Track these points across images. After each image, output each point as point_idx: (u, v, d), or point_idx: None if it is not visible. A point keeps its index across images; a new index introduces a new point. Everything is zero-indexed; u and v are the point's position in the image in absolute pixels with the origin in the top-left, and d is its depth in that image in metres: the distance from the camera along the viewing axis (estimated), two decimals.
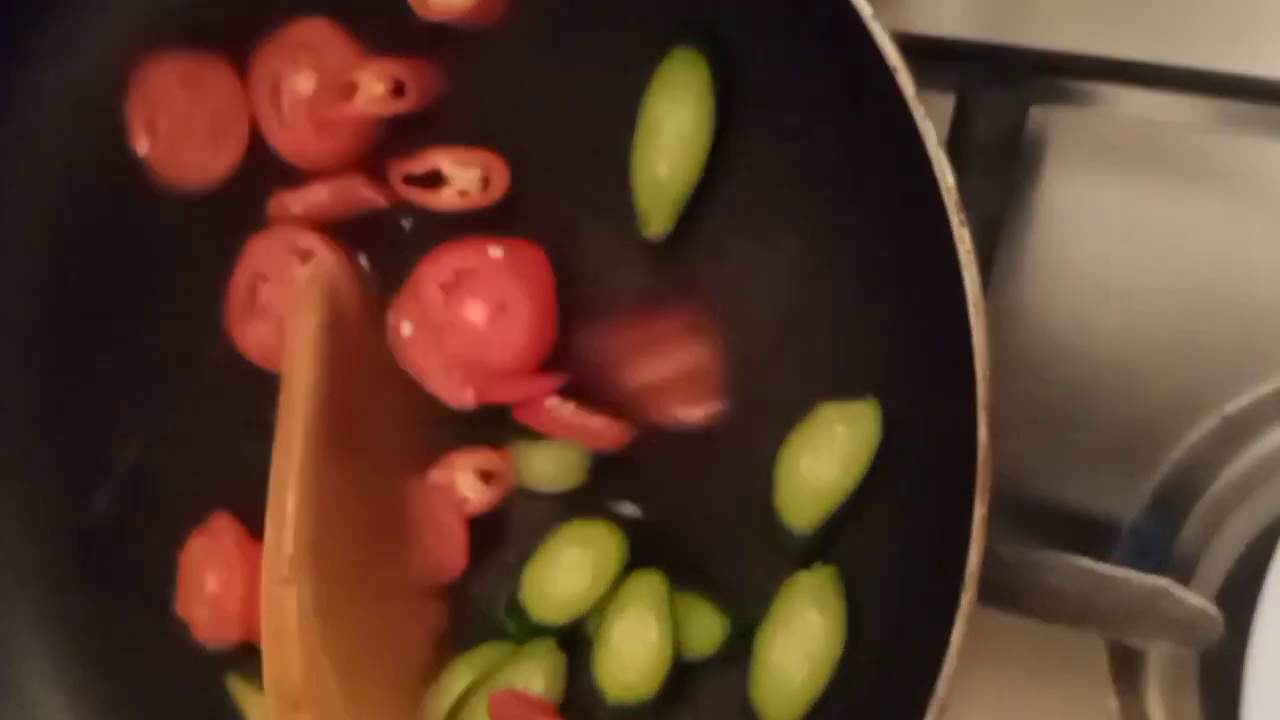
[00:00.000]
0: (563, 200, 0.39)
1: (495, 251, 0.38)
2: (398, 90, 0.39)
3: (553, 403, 0.38)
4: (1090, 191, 0.41)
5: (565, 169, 0.38)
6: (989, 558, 0.34)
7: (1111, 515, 0.40)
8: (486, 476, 0.39)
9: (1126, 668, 0.40)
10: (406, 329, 0.39)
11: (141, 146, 0.41)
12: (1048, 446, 0.41)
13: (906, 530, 0.34)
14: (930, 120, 0.29)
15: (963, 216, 0.28)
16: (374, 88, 0.39)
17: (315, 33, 0.39)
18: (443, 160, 0.39)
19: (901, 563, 0.34)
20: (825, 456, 0.35)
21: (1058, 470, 0.41)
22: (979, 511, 0.28)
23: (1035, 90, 0.38)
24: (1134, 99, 0.40)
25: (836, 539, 0.35)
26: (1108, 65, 0.38)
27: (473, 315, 0.38)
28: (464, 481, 0.39)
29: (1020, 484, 0.41)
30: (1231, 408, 0.39)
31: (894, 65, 0.29)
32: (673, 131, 0.36)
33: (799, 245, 0.36)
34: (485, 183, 0.39)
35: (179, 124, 0.41)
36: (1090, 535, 0.40)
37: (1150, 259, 0.40)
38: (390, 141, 0.39)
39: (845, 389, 0.35)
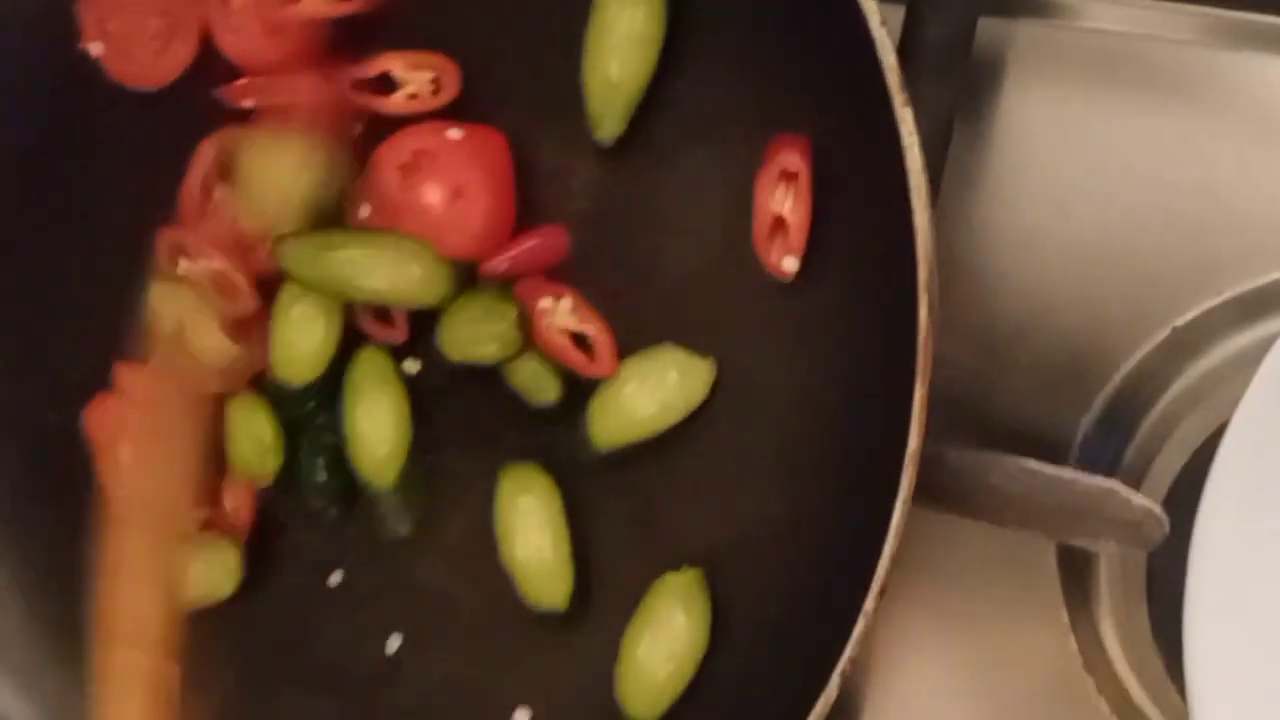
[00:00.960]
0: (514, 102, 0.38)
1: (454, 134, 0.38)
2: None
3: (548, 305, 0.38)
4: (1048, 105, 0.41)
5: (516, 70, 0.38)
6: (936, 461, 0.34)
7: (1064, 427, 0.41)
8: None
9: (1076, 578, 0.40)
10: (364, 211, 0.39)
11: (94, 48, 0.41)
12: (1001, 359, 0.41)
13: (851, 412, 0.34)
14: (875, 2, 0.28)
15: (905, 96, 0.28)
16: None
17: None
18: (393, 64, 0.39)
19: (845, 445, 0.34)
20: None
21: (1011, 382, 0.41)
22: (920, 391, 0.28)
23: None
24: (1092, 10, 0.40)
25: None
26: None
27: (429, 198, 0.38)
28: None
29: (973, 396, 0.41)
30: (1181, 320, 0.39)
31: None
32: (624, 31, 0.36)
33: (749, 149, 0.36)
34: (436, 86, 0.38)
35: (130, 24, 0.40)
36: (1043, 447, 0.40)
37: (1106, 173, 0.40)
38: (341, 44, 0.39)
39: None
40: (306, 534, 0.41)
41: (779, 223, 0.35)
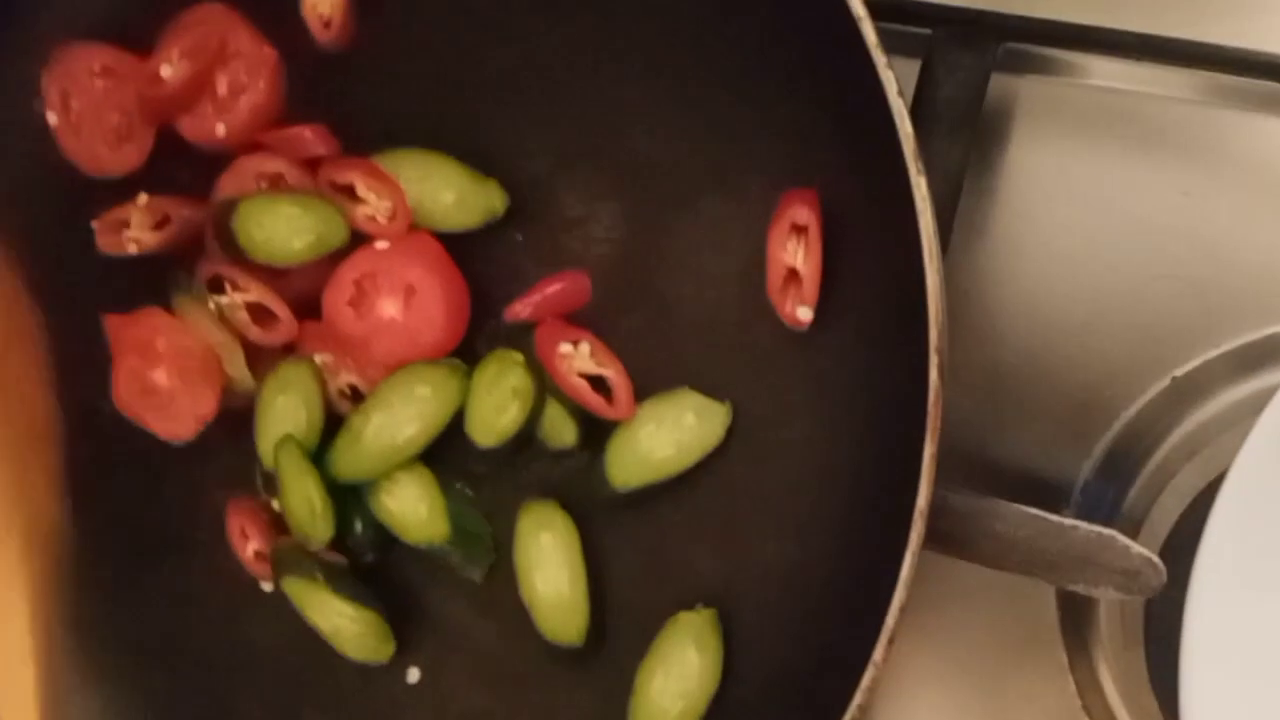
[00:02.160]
0: (534, 150, 0.40)
1: (381, 245, 0.40)
2: None
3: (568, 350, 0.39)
4: (1054, 158, 0.42)
5: (535, 118, 0.40)
6: (941, 507, 0.35)
7: (1065, 474, 0.42)
8: None
9: (1076, 621, 0.42)
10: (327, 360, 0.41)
11: (51, 118, 0.42)
12: (1004, 406, 0.42)
13: (863, 463, 0.35)
14: (891, 71, 0.30)
15: (920, 165, 0.29)
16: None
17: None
18: (357, 179, 0.40)
19: (857, 495, 0.35)
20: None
21: (1013, 429, 0.42)
22: (929, 449, 0.29)
23: (999, 54, 0.39)
24: (1100, 67, 0.41)
25: None
26: (1073, 31, 0.39)
27: (387, 311, 0.40)
28: None
29: (977, 443, 0.42)
30: (1181, 371, 0.41)
31: (858, 15, 0.30)
32: None
33: (767, 201, 0.37)
34: (391, 214, 0.40)
35: (91, 110, 0.42)
36: (1044, 492, 0.42)
37: (1109, 226, 0.42)
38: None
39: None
40: None
41: (792, 274, 0.37)
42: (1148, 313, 0.41)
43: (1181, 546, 0.36)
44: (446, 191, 0.40)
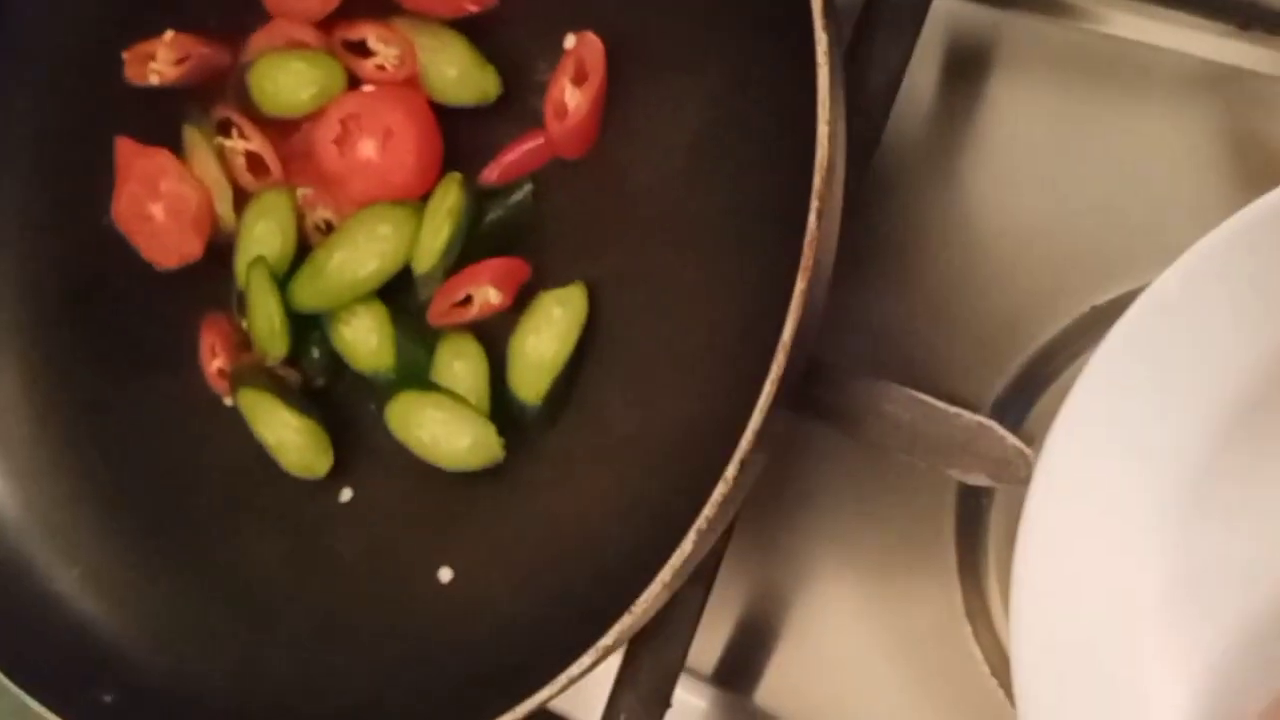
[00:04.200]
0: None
1: (368, 89, 0.43)
2: None
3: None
4: (1008, 89, 0.44)
5: None
6: (834, 382, 0.38)
7: (980, 389, 0.44)
8: None
9: (969, 528, 0.43)
10: (306, 192, 0.45)
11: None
12: (928, 320, 0.44)
13: (743, 308, 0.37)
14: None
15: (826, 22, 0.32)
16: None
17: None
18: (368, 33, 0.43)
19: (746, 341, 0.37)
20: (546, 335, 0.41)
21: (933, 343, 0.44)
22: (800, 284, 0.31)
23: None
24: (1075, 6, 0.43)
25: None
26: None
27: (365, 152, 0.43)
28: None
29: (899, 351, 0.44)
30: (1100, 300, 0.42)
31: None
32: None
33: (717, 82, 0.40)
34: (400, 60, 0.43)
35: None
36: (957, 401, 0.43)
37: (1051, 158, 0.44)
38: None
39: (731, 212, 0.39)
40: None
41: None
42: (1076, 243, 0.43)
43: None
44: (450, 67, 0.43)
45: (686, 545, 0.32)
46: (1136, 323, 0.36)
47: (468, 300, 0.42)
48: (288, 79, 0.44)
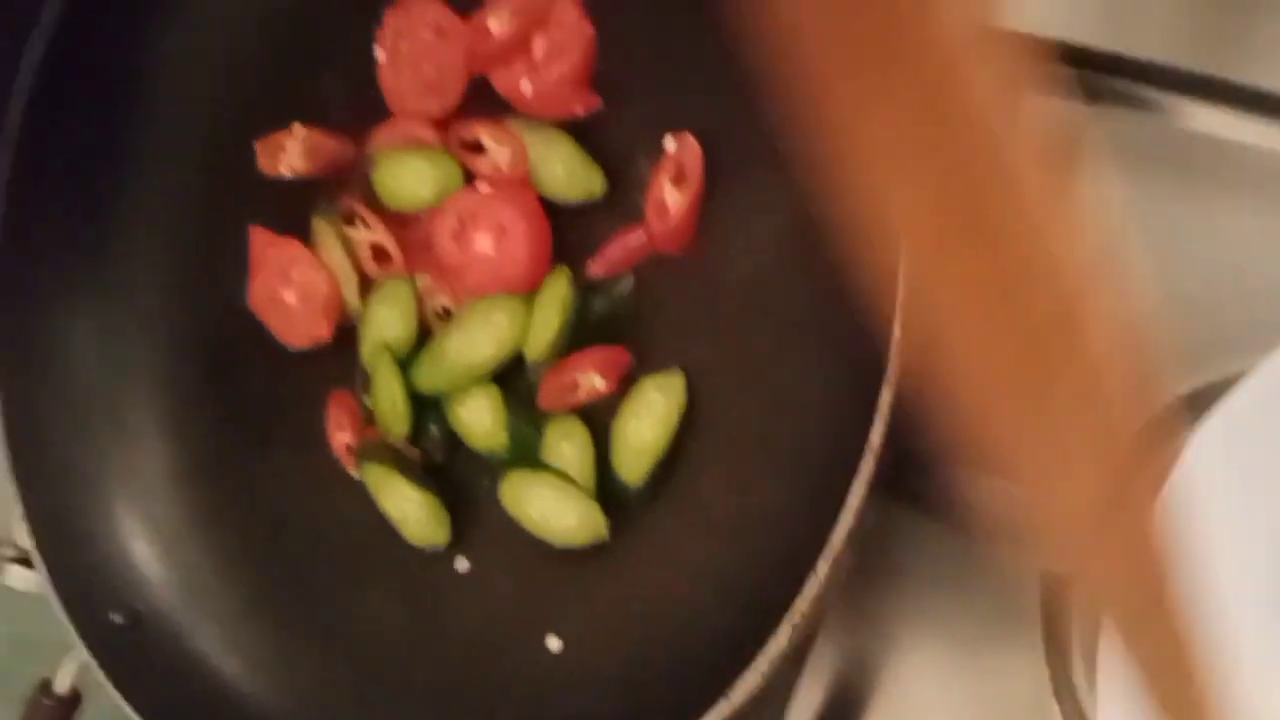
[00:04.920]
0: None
1: (484, 188, 0.46)
2: None
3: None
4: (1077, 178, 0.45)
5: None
6: (917, 468, 0.39)
7: None
8: None
9: (1055, 605, 0.45)
10: (427, 281, 0.48)
11: (380, 54, 0.49)
12: None
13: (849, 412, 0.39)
14: None
15: None
16: None
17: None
18: (485, 134, 0.47)
19: (838, 442, 0.39)
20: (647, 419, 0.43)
21: None
22: (885, 395, 0.33)
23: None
24: (1134, 91, 0.44)
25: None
26: (1104, 59, 0.43)
27: (481, 246, 0.46)
28: None
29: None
30: (1186, 389, 0.43)
31: None
32: None
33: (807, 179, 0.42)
34: (513, 162, 0.46)
35: (413, 57, 0.49)
36: None
37: (1136, 247, 0.45)
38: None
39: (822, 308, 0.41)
40: None
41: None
42: (1162, 333, 0.44)
43: None
44: (559, 166, 0.46)
45: (781, 638, 0.34)
46: (1235, 412, 0.37)
47: (575, 385, 0.45)
48: (409, 176, 0.48)
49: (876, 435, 0.33)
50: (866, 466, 0.33)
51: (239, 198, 0.52)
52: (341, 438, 0.50)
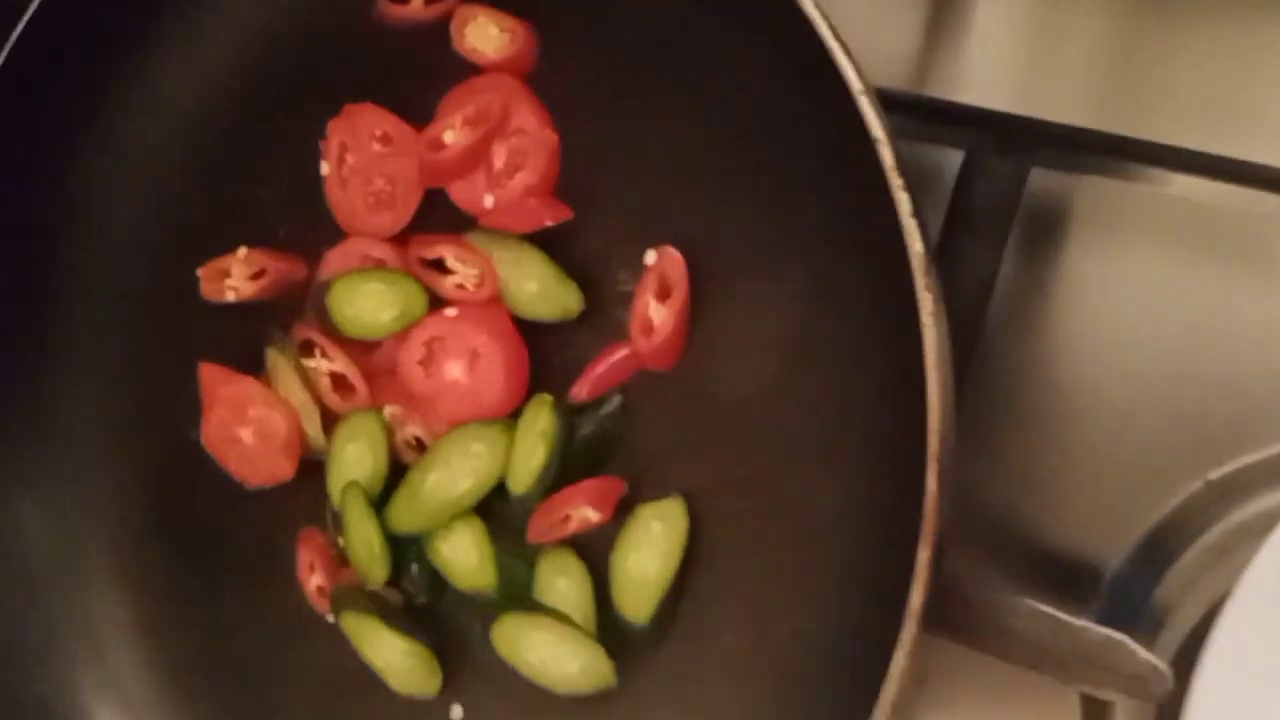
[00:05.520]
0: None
1: (451, 313, 0.43)
2: None
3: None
4: (1099, 255, 0.43)
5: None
6: (957, 596, 0.37)
7: (1096, 564, 0.42)
8: None
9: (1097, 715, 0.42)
10: (396, 411, 0.44)
11: (324, 167, 0.45)
12: (1040, 494, 0.43)
13: (875, 562, 0.37)
14: (906, 194, 0.31)
15: (928, 281, 0.31)
16: None
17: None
18: (448, 252, 0.43)
19: (867, 595, 0.36)
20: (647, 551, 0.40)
21: (1045, 519, 0.43)
22: (924, 554, 0.30)
23: (1036, 158, 0.40)
24: (1146, 171, 0.42)
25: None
26: (1110, 141, 0.40)
27: (452, 374, 0.43)
28: None
29: (1009, 529, 0.43)
30: (1215, 474, 0.41)
31: (877, 137, 0.31)
32: None
33: (802, 289, 0.39)
34: (480, 282, 0.42)
35: (361, 170, 0.45)
36: (1073, 582, 0.42)
37: (1151, 324, 0.42)
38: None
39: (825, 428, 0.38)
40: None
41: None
42: (1185, 412, 0.42)
43: (1195, 651, 0.37)
44: (531, 282, 0.43)
45: None
46: None
47: (566, 519, 0.42)
48: (367, 302, 0.44)
49: (917, 598, 0.30)
50: (908, 634, 0.30)
51: (184, 329, 0.48)
52: (313, 581, 0.46)
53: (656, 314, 0.41)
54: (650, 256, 0.41)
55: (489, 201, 0.43)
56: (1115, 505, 0.42)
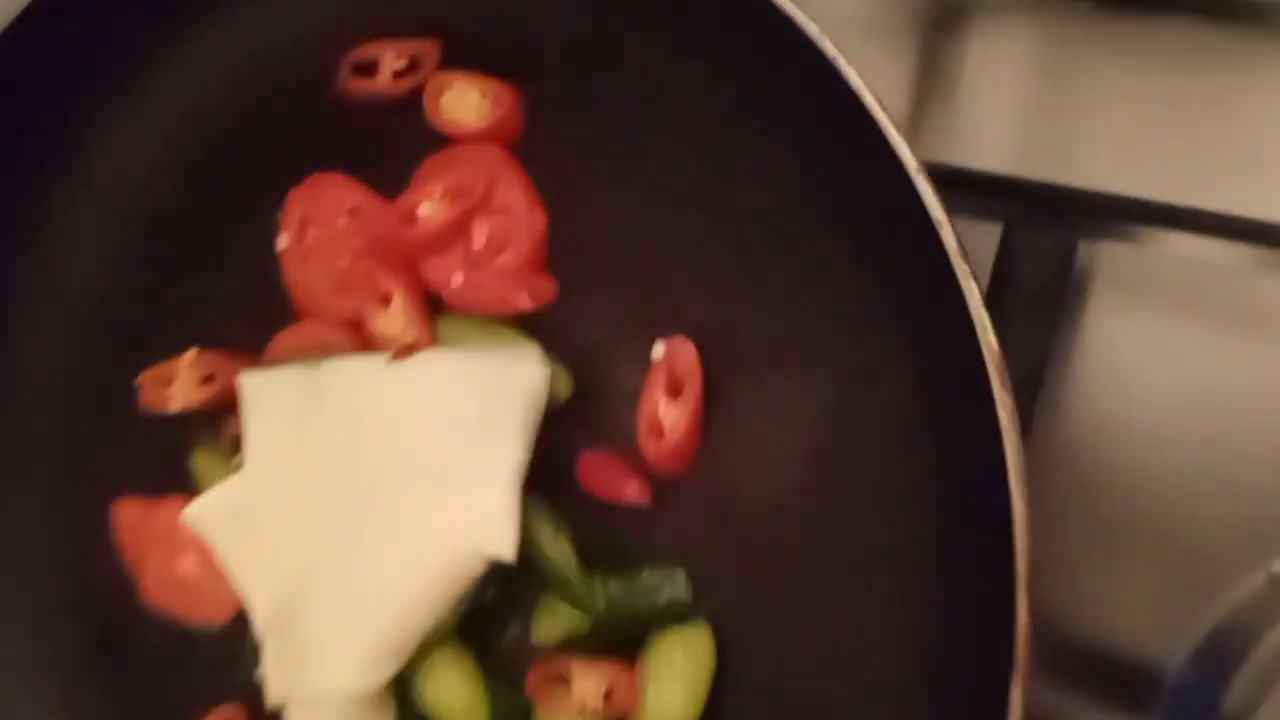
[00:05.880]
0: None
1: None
2: None
3: None
4: (1138, 328, 0.40)
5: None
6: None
7: (1153, 661, 0.39)
8: None
9: None
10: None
11: (282, 241, 0.41)
12: (1091, 586, 0.39)
13: (916, 700, 0.32)
14: (975, 283, 0.28)
15: (1005, 380, 0.27)
16: None
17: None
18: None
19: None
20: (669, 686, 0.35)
21: (1101, 611, 0.39)
22: (1017, 692, 0.26)
23: (1082, 229, 0.36)
24: (1180, 241, 0.39)
25: None
26: (1157, 211, 0.37)
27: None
28: None
29: (1064, 621, 0.39)
30: (1277, 565, 0.38)
31: (937, 219, 0.28)
32: None
33: (833, 385, 0.35)
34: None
35: (325, 245, 0.41)
36: (1130, 681, 0.39)
37: (1199, 399, 0.39)
38: None
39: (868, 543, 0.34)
40: None
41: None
42: (1241, 496, 0.38)
43: None
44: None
45: None
46: None
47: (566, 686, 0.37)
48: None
49: None
50: None
51: (110, 448, 0.42)
52: None
53: (667, 413, 0.37)
54: (658, 350, 0.37)
55: (457, 280, 0.39)
56: (1171, 595, 0.39)
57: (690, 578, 0.37)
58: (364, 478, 0.37)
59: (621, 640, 0.37)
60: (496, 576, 0.37)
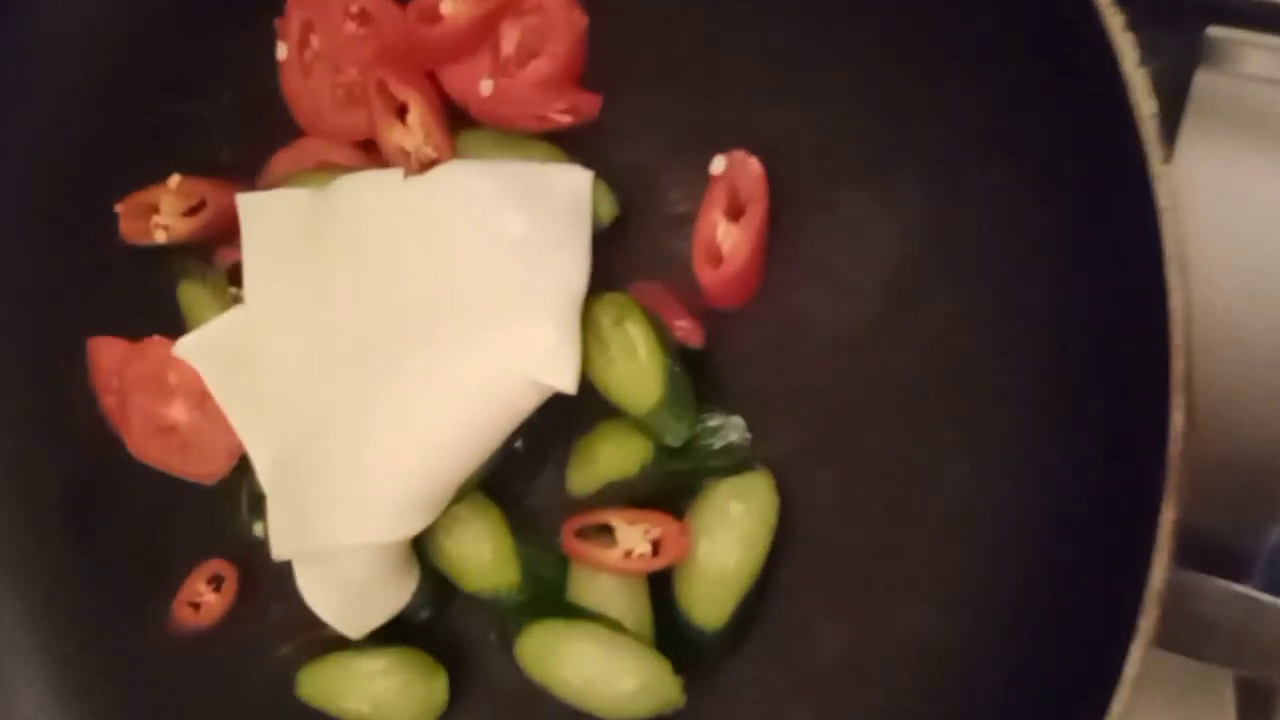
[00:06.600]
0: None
1: None
2: None
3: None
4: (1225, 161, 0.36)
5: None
6: None
7: (1247, 541, 0.35)
8: None
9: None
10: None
11: (281, 50, 0.37)
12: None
13: (1057, 535, 0.29)
14: (1130, 34, 0.23)
15: (1160, 155, 0.23)
16: None
17: None
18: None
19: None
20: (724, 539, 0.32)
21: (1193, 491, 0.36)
22: (1169, 514, 0.23)
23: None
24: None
25: None
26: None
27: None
28: None
29: None
30: None
31: None
32: None
33: (922, 202, 0.31)
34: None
35: (329, 54, 0.36)
36: (1224, 561, 0.35)
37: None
38: None
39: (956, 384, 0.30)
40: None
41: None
42: None
43: None
44: None
45: None
46: None
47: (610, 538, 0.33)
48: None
49: (1158, 577, 0.22)
50: (1148, 621, 0.23)
51: (85, 285, 0.38)
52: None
53: (727, 238, 0.32)
54: (717, 165, 0.33)
55: (486, 88, 0.34)
56: (1262, 467, 0.35)
57: (749, 423, 0.33)
58: (385, 307, 0.33)
59: (664, 494, 0.33)
60: (526, 422, 0.33)
